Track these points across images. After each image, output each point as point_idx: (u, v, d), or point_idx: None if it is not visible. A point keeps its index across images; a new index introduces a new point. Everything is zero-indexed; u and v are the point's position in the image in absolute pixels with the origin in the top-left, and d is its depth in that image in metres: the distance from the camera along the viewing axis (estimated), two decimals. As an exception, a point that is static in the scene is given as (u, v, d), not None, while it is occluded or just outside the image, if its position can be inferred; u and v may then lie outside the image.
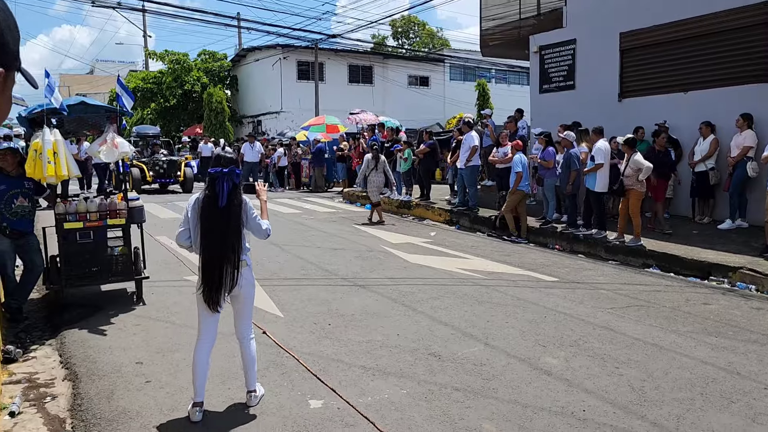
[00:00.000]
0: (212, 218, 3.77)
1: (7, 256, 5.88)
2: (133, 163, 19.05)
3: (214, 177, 3.78)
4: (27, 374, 4.76)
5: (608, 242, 9.22)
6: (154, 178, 19.10)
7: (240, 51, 33.81)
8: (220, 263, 3.76)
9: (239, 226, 3.83)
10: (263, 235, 3.98)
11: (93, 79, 59.05)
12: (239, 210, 3.84)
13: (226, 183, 3.77)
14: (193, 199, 3.92)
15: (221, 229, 3.77)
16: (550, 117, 13.23)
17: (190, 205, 3.90)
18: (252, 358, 4.04)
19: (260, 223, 3.96)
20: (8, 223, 5.81)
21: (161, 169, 19.20)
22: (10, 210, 5.82)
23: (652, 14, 11.51)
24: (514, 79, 34.99)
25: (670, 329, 5.59)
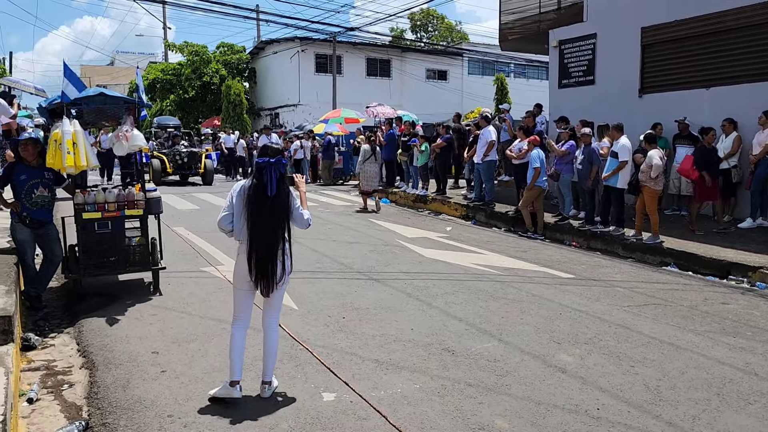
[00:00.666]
0: (261, 207, 3.86)
1: (27, 245, 5.96)
2: (153, 155, 19.01)
3: (262, 167, 3.85)
4: (45, 362, 4.83)
5: (626, 239, 9.13)
6: (174, 169, 19.02)
7: (258, 43, 33.93)
8: (271, 251, 3.87)
9: (288, 214, 3.94)
10: (305, 225, 4.05)
11: (113, 70, 59.59)
12: (287, 200, 3.93)
13: (274, 172, 3.84)
14: (238, 186, 3.99)
15: (270, 218, 3.87)
16: (569, 112, 13.07)
17: (235, 192, 3.96)
18: (273, 348, 4.10)
19: (302, 213, 4.03)
20: (28, 212, 5.89)
21: (181, 161, 19.08)
22: (30, 200, 5.90)
23: (675, 9, 11.33)
24: (533, 74, 34.74)
25: (688, 328, 5.52)
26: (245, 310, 4.09)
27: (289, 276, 4.06)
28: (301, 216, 4.02)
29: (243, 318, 4.09)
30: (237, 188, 3.99)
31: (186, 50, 32.68)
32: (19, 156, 5.98)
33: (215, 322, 5.55)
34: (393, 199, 15.16)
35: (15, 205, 5.87)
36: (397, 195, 15.06)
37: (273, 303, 4.09)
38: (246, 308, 4.09)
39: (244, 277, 3.96)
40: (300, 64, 30.09)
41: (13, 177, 5.90)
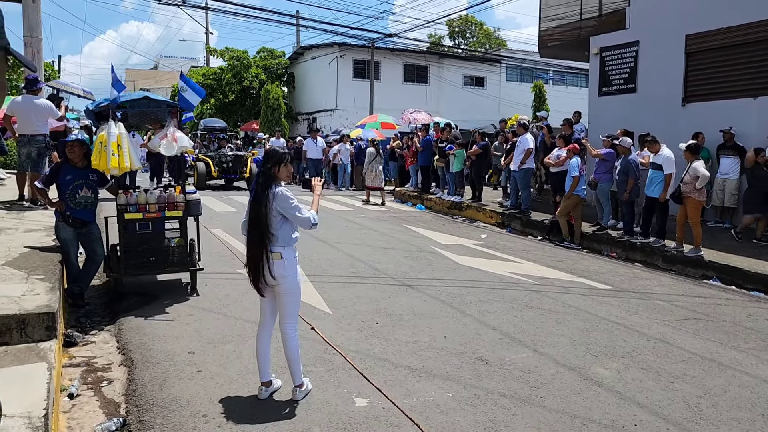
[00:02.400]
0: (251, 210, 4.02)
1: (70, 243, 6.13)
2: (198, 158, 18.86)
3: (258, 171, 4.11)
4: (86, 358, 4.95)
5: (666, 251, 8.92)
6: (219, 173, 18.63)
7: (298, 49, 34.32)
8: (253, 252, 4.01)
9: (278, 216, 3.98)
10: (307, 225, 4.03)
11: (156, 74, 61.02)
12: (273, 201, 3.96)
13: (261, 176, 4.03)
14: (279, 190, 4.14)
15: (253, 220, 4.00)
16: (608, 120, 12.90)
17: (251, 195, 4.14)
18: (291, 353, 4.09)
19: (301, 213, 3.99)
20: (71, 212, 6.06)
21: (227, 165, 18.67)
22: (74, 200, 6.06)
23: (721, 16, 11.07)
24: (572, 81, 34.29)
25: (730, 345, 5.36)
26: (266, 313, 4.18)
27: (290, 282, 4.04)
28: (298, 216, 3.98)
29: (265, 322, 4.18)
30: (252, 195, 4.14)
31: (227, 55, 33.28)
32: (65, 157, 6.15)
33: (250, 324, 5.60)
34: (428, 206, 15.12)
35: (59, 204, 6.04)
36: (432, 201, 15.02)
37: (282, 308, 4.12)
38: (266, 312, 4.18)
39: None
40: (338, 70, 30.31)
41: (59, 177, 6.08)
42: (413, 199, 15.93)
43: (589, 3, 14.53)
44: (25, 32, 8.95)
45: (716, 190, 10.65)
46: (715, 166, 10.67)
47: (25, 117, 8.40)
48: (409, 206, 15.58)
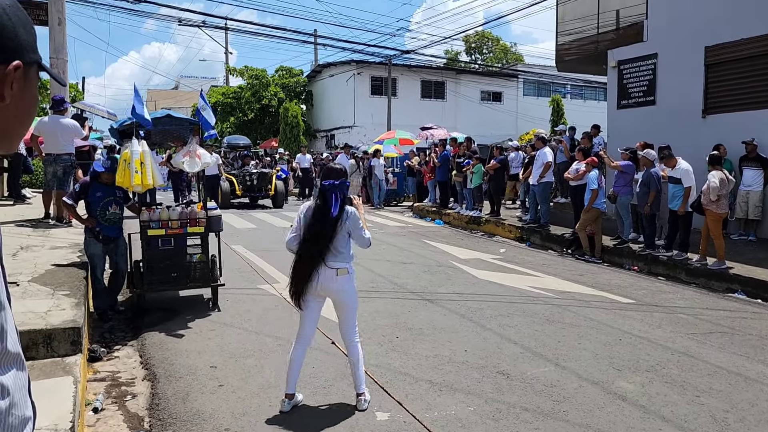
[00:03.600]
0: (321, 227, 4.03)
1: (98, 259, 6.27)
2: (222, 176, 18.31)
3: (326, 189, 4.06)
4: (110, 373, 5.01)
5: (689, 264, 8.80)
6: (243, 191, 18.11)
7: (316, 67, 34.69)
8: (309, 267, 4.03)
9: (346, 235, 4.13)
10: (366, 244, 4.25)
11: (177, 94, 61.98)
12: (346, 220, 4.09)
13: (338, 194, 4.05)
14: (305, 207, 4.21)
15: (327, 237, 4.03)
16: (627, 133, 12.83)
17: (302, 212, 4.16)
18: (356, 359, 4.22)
19: (364, 233, 4.19)
20: (101, 228, 6.20)
21: (251, 182, 18.16)
22: (104, 216, 6.23)
23: (740, 27, 11.00)
24: (590, 95, 34.16)
25: (757, 359, 5.27)
26: (306, 327, 4.21)
27: (353, 296, 4.23)
28: (363, 236, 4.18)
29: (305, 335, 4.22)
30: (303, 209, 4.17)
31: (246, 74, 33.76)
32: (94, 174, 6.29)
33: (271, 339, 5.64)
34: (446, 221, 15.11)
35: (90, 221, 6.18)
36: (451, 216, 15.01)
37: (345, 320, 4.27)
38: (307, 326, 4.21)
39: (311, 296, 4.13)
40: (356, 87, 30.56)
41: (88, 194, 6.23)
42: (432, 215, 15.93)
43: (606, 17, 14.52)
44: (51, 54, 9.18)
45: (739, 203, 10.51)
46: (738, 178, 10.54)
47: (52, 136, 8.58)
48: (427, 221, 15.58)
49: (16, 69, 0.98)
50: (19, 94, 1.00)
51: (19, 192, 11.25)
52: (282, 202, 18.48)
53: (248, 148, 21.20)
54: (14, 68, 0.97)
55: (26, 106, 1.04)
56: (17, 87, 0.99)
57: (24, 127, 1.06)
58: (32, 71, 1.04)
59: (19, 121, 1.04)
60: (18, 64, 0.98)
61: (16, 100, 0.99)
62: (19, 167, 11.24)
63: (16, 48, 0.99)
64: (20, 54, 0.99)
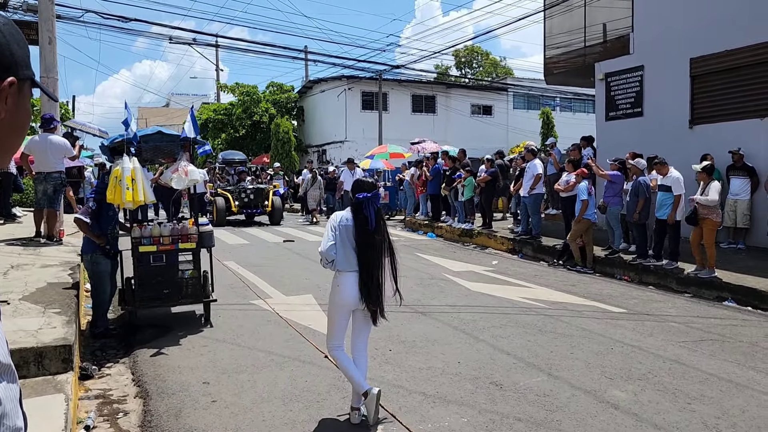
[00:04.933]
0: (368, 240, 4.08)
1: (108, 275, 6.37)
2: (217, 192, 17.95)
3: (362, 202, 4.10)
4: (102, 390, 4.98)
5: (680, 273, 8.86)
6: (239, 208, 17.58)
7: (306, 82, 34.82)
8: (378, 281, 4.12)
9: (391, 244, 4.22)
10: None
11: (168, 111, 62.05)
12: (386, 230, 4.21)
13: (372, 206, 4.11)
14: (338, 217, 4.19)
15: (375, 250, 4.10)
16: (616, 145, 12.94)
17: (337, 223, 4.15)
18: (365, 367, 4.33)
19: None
20: (110, 245, 6.36)
21: (247, 199, 17.62)
22: (113, 233, 6.41)
23: (725, 39, 11.17)
24: (579, 107, 34.47)
25: (748, 365, 5.30)
26: (343, 334, 4.29)
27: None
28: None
29: (343, 340, 4.29)
30: (337, 219, 4.18)
31: (237, 91, 33.84)
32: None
33: (264, 354, 5.63)
34: (439, 233, 15.15)
35: (102, 239, 6.23)
36: (443, 229, 15.05)
37: (366, 329, 4.36)
38: (343, 332, 4.29)
39: (348, 305, 4.17)
40: (347, 102, 30.69)
41: (102, 213, 6.27)
42: (424, 228, 15.97)
43: (593, 30, 14.70)
44: (42, 73, 9.18)
45: (728, 211, 10.60)
46: (726, 186, 10.64)
47: (42, 155, 8.59)
48: (419, 235, 15.61)
49: (11, 85, 1.01)
50: (13, 109, 1.03)
51: (9, 211, 11.21)
52: (279, 219, 18.04)
53: (244, 163, 20.75)
54: (9, 84, 1.00)
55: (20, 122, 1.06)
56: (11, 102, 1.02)
57: (17, 143, 1.09)
58: (26, 87, 1.07)
59: (13, 136, 1.06)
60: (12, 80, 1.01)
61: (10, 115, 1.02)
62: (9, 186, 11.21)
63: (11, 64, 1.02)
64: (14, 70, 1.03)
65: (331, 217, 4.25)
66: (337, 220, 4.17)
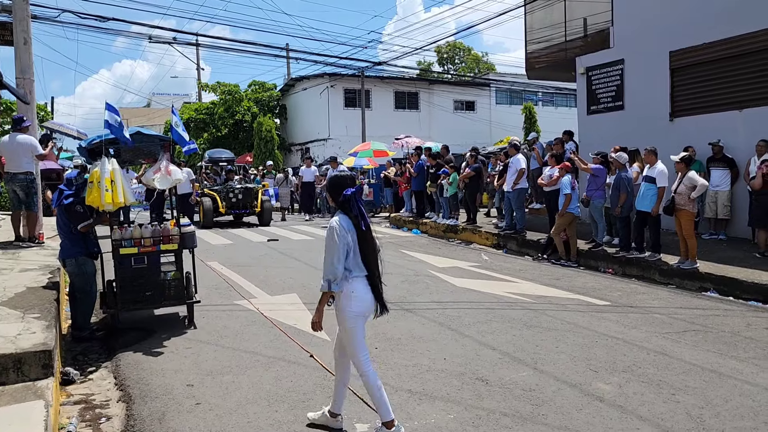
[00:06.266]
0: (366, 239, 3.81)
1: (94, 277, 6.28)
2: (204, 193, 17.47)
3: (349, 199, 3.78)
4: (84, 395, 4.91)
5: (663, 265, 8.94)
6: (227, 209, 16.95)
7: (289, 80, 34.64)
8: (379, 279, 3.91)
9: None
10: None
11: (149, 111, 61.49)
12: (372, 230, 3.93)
13: (359, 202, 3.82)
14: (336, 223, 3.73)
15: (374, 247, 3.88)
16: (598, 138, 13.03)
17: (343, 229, 3.71)
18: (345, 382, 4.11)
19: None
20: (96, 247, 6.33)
21: (235, 199, 17.00)
22: (95, 235, 6.39)
23: (703, 31, 11.26)
24: (562, 102, 34.65)
25: (730, 355, 5.35)
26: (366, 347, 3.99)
27: None
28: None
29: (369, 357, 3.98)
30: (339, 226, 3.71)
31: (219, 90, 33.57)
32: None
33: (249, 355, 5.58)
34: (424, 230, 15.15)
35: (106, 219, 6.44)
36: (428, 225, 15.06)
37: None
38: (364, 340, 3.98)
39: (367, 310, 3.89)
40: (329, 100, 30.58)
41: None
42: (408, 224, 15.97)
43: (573, 25, 14.77)
44: (18, 74, 9.04)
45: (708, 203, 10.72)
46: (707, 178, 10.74)
47: (11, 155, 8.55)
48: (404, 231, 15.60)
49: None
50: None
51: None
52: (269, 220, 17.50)
53: (231, 162, 19.91)
54: None
55: None
56: None
57: None
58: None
59: None
60: None
61: None
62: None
63: None
64: None
65: (333, 229, 3.71)
66: (339, 228, 3.70)
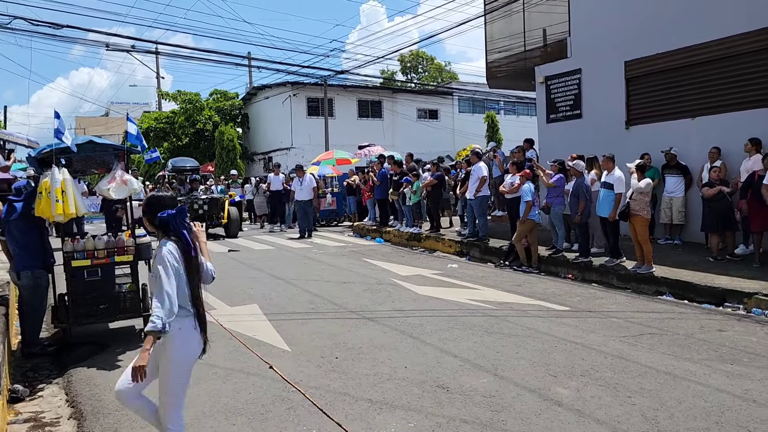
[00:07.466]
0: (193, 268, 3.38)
1: (46, 291, 6.06)
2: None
3: (167, 222, 3.35)
4: (33, 413, 4.74)
5: (621, 270, 9.10)
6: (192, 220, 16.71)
7: (251, 89, 34.37)
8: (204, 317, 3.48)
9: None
10: (210, 279, 3.58)
11: (108, 121, 60.20)
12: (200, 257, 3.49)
13: (182, 225, 3.37)
14: (167, 252, 3.28)
15: (200, 279, 3.47)
16: (558, 146, 13.24)
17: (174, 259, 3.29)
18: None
19: (207, 267, 3.56)
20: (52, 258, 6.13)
21: (201, 210, 16.38)
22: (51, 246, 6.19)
23: (657, 42, 11.57)
24: (523, 110, 35.19)
25: (684, 357, 5.46)
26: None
27: None
28: (207, 269, 3.55)
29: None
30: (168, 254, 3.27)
31: (179, 98, 33.09)
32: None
33: (206, 367, 5.45)
34: (387, 239, 15.15)
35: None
36: (391, 234, 15.06)
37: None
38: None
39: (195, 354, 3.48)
40: (292, 108, 30.43)
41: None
42: (372, 233, 15.95)
43: (532, 35, 15.02)
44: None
45: (664, 209, 10.97)
46: (662, 185, 11.01)
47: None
48: (368, 240, 15.57)
49: None
50: None
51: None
52: (236, 231, 17.02)
53: (196, 171, 19.12)
54: None
55: None
56: None
57: None
58: None
59: None
60: None
61: None
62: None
63: None
64: None
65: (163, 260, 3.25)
66: (169, 254, 3.27)
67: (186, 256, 3.34)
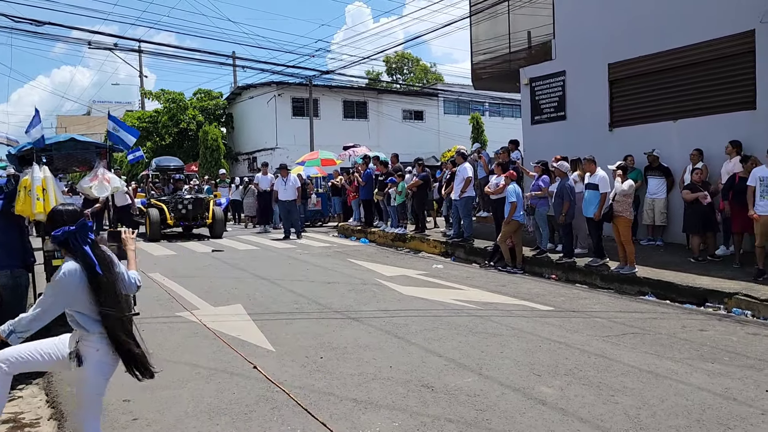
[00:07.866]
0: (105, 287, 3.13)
1: (27, 291, 5.95)
2: (150, 203, 16.70)
3: (65, 240, 3.08)
4: (12, 414, 4.66)
5: (604, 271, 9.18)
6: (176, 220, 16.05)
7: (235, 89, 34.18)
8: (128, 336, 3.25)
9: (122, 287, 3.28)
10: (134, 289, 3.47)
11: (89, 119, 59.57)
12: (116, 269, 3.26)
13: (83, 242, 3.09)
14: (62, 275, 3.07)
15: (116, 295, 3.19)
16: (542, 148, 13.32)
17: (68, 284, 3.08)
18: None
19: (129, 276, 3.42)
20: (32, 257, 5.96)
21: (185, 210, 16.14)
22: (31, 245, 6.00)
23: (640, 45, 11.69)
24: (508, 112, 35.36)
25: (666, 356, 5.52)
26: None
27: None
28: (130, 281, 3.41)
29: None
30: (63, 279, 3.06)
31: (163, 98, 32.81)
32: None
33: (189, 367, 5.42)
34: (372, 239, 15.14)
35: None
36: (376, 234, 15.06)
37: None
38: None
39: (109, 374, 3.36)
40: (277, 108, 30.32)
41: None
42: (357, 234, 15.93)
43: (517, 37, 15.11)
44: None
45: (646, 210, 11.08)
46: (644, 186, 11.12)
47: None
48: (353, 240, 15.56)
49: None
50: None
51: None
52: (221, 231, 16.67)
53: (180, 170, 18.98)
54: None
55: None
56: None
57: None
58: None
59: None
60: None
61: None
62: None
63: None
64: None
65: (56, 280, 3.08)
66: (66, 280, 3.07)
67: (90, 274, 3.09)
